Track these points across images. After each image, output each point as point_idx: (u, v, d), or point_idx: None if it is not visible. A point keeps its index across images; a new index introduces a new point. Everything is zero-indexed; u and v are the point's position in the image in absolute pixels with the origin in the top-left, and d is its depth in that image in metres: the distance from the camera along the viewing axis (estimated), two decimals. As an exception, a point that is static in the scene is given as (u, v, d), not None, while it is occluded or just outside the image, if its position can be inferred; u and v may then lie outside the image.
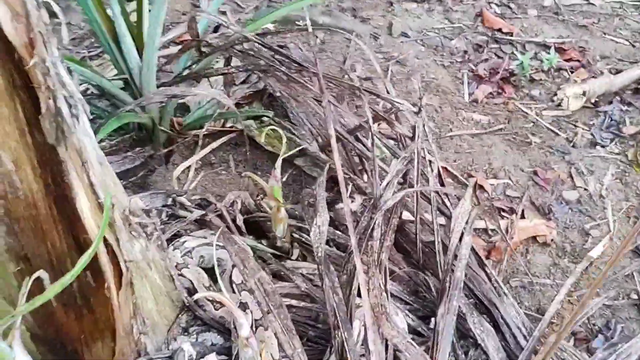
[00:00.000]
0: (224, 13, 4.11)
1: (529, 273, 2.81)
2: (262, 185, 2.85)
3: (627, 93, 3.65)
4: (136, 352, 1.99)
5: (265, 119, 3.21)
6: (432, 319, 2.48)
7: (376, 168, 2.44)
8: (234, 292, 2.26)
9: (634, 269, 2.83)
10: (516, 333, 2.23)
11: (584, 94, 3.47)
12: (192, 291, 2.26)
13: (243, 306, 2.14)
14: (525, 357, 2.09)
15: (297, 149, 2.63)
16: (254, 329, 2.11)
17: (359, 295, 2.16)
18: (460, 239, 2.37)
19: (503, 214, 3.03)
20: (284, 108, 3.18)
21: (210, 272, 2.40)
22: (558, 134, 3.44)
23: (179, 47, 3.25)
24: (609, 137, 3.43)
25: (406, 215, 2.58)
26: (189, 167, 3.14)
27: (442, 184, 2.58)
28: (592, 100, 3.52)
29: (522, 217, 3.03)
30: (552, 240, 2.95)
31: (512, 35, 4.08)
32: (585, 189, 3.16)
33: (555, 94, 3.57)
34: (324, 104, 2.22)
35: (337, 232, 2.50)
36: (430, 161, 2.55)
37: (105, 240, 1.65)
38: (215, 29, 3.82)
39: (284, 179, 3.11)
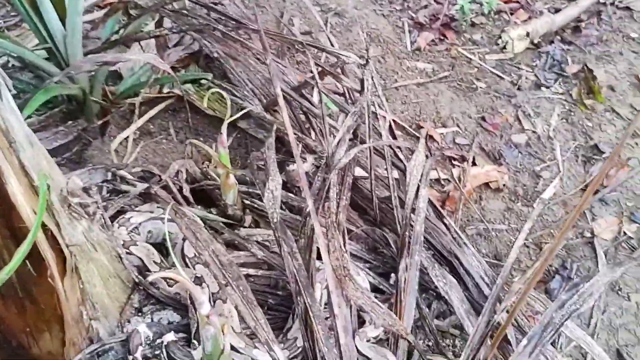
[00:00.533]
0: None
1: (484, 220, 2.80)
2: (207, 152, 2.74)
3: (567, 32, 3.64)
4: (88, 339, 1.87)
5: (204, 82, 3.06)
6: (392, 275, 2.44)
7: (326, 125, 2.35)
8: (187, 266, 2.16)
9: (585, 208, 2.84)
10: (480, 282, 2.20)
11: (527, 35, 3.44)
12: (142, 269, 2.14)
13: (199, 280, 2.04)
14: (491, 306, 2.06)
15: (242, 112, 2.50)
16: (212, 303, 2.02)
17: (319, 258, 2.10)
18: (417, 192, 2.31)
19: (454, 162, 2.99)
20: (222, 69, 3.03)
21: (159, 247, 2.29)
22: (503, 78, 3.41)
23: (104, 10, 3.05)
24: (553, 77, 3.42)
25: (359, 172, 2.50)
26: (126, 138, 2.97)
27: (394, 138, 2.51)
28: (535, 41, 3.49)
29: (474, 164, 3.00)
30: (504, 185, 2.93)
31: (449, -20, 4.00)
32: (533, 132, 3.15)
33: (500, 37, 3.52)
34: (268, 62, 2.10)
35: (290, 194, 2.40)
36: (381, 115, 2.47)
37: (44, 225, 1.52)
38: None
39: (229, 144, 2.97)
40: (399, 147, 2.47)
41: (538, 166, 3.01)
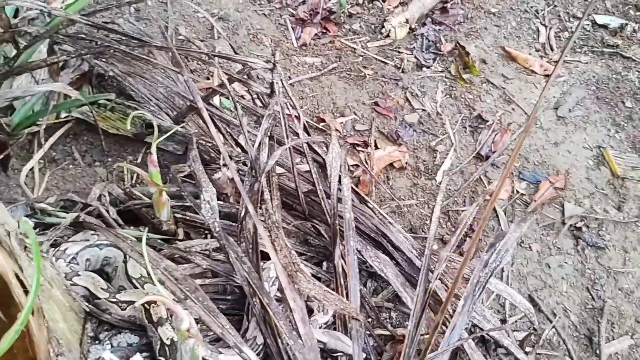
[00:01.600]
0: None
1: (395, 198, 3.01)
2: (121, 172, 2.75)
3: (436, 13, 3.93)
4: (55, 376, 1.87)
5: (102, 101, 3.03)
6: (324, 263, 2.60)
7: (245, 130, 2.44)
8: (135, 287, 2.19)
9: (480, 174, 3.13)
10: (410, 256, 2.40)
11: (406, 21, 3.68)
12: (89, 298, 2.15)
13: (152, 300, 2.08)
14: (424, 276, 2.26)
15: (168, 133, 2.53)
16: (170, 317, 2.07)
17: (263, 259, 2.21)
18: (339, 182, 2.46)
19: (358, 148, 3.18)
20: (120, 87, 3.03)
21: (99, 273, 2.29)
22: (387, 63, 3.63)
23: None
24: (431, 57, 3.69)
25: (279, 171, 2.62)
26: (32, 169, 2.90)
27: (308, 134, 2.64)
28: (412, 26, 3.74)
29: (376, 147, 3.20)
30: (406, 163, 3.16)
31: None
32: (423, 110, 3.40)
33: (383, 26, 3.73)
34: (185, 78, 2.15)
35: (220, 202, 2.47)
36: (293, 114, 2.59)
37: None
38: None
39: (138, 161, 2.99)
40: (314, 142, 2.60)
41: (433, 141, 3.27)
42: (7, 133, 2.86)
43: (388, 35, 3.69)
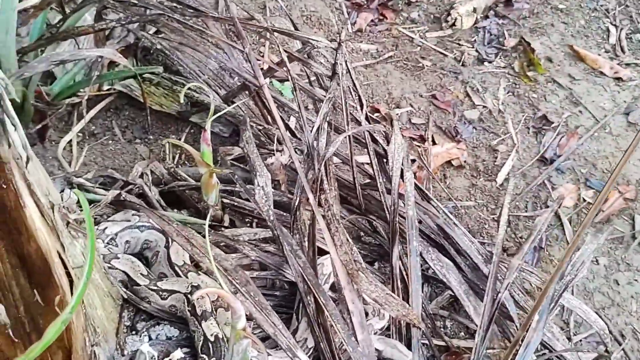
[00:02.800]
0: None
1: (452, 198, 2.80)
2: (167, 151, 2.59)
3: (500, 6, 3.69)
4: (89, 367, 1.70)
5: (147, 76, 2.87)
6: (376, 263, 2.40)
7: (303, 114, 2.25)
8: (178, 275, 2.01)
9: (544, 178, 2.91)
10: (477, 262, 2.19)
11: (474, 10, 3.46)
12: (127, 284, 1.97)
13: (196, 289, 1.90)
14: (492, 284, 2.05)
15: (221, 112, 2.35)
16: (214, 311, 1.89)
17: (320, 254, 2.02)
18: (402, 176, 2.26)
19: (415, 142, 2.97)
20: (166, 61, 2.86)
21: (138, 257, 2.12)
22: (446, 55, 3.42)
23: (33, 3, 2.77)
24: (493, 52, 3.47)
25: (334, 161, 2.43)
26: (70, 142, 2.75)
27: (369, 122, 2.45)
28: (479, 16, 3.52)
29: (434, 143, 2.99)
30: (465, 161, 2.95)
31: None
32: (484, 106, 3.19)
33: (449, 14, 3.52)
34: (247, 50, 1.97)
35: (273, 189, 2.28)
36: (356, 100, 2.40)
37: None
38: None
39: (182, 140, 2.82)
40: (375, 132, 2.41)
41: (494, 140, 3.05)
42: (47, 102, 2.71)
43: (453, 24, 3.47)
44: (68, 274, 1.41)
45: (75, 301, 1.02)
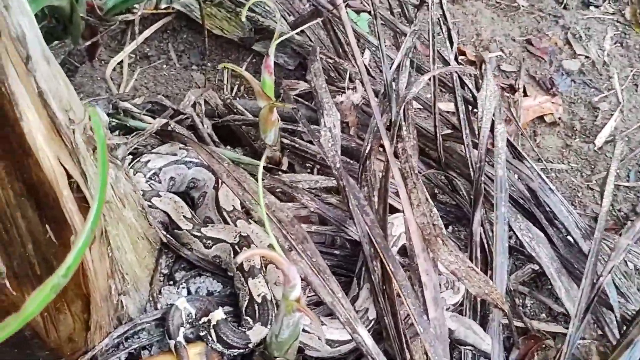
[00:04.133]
0: None
1: (542, 159, 2.45)
2: (224, 81, 2.32)
3: (613, -57, 3.23)
4: (116, 319, 1.47)
5: (209, -5, 2.58)
6: (451, 227, 2.10)
7: (383, 47, 1.92)
8: (226, 222, 1.75)
9: (651, 145, 2.52)
10: (576, 237, 1.85)
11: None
12: (168, 226, 1.73)
13: (245, 241, 1.64)
14: (592, 265, 1.72)
15: (286, 36, 2.04)
16: (264, 269, 1.63)
17: (390, 212, 1.72)
18: (492, 129, 1.92)
19: (504, 92, 2.61)
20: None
21: (183, 197, 1.87)
22: (546, -5, 3.01)
23: None
24: (601, -6, 3.03)
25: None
26: (120, 63, 2.50)
27: (458, 63, 2.10)
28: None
29: (525, 94, 2.62)
30: (559, 118, 2.58)
31: None
32: (586, 57, 2.78)
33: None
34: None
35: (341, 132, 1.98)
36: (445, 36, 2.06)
37: (69, 177, 1.09)
38: None
39: (243, 68, 2.53)
40: (465, 75, 2.06)
41: (595, 97, 2.66)
42: (99, 17, 2.45)
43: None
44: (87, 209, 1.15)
45: (73, 260, 0.77)
